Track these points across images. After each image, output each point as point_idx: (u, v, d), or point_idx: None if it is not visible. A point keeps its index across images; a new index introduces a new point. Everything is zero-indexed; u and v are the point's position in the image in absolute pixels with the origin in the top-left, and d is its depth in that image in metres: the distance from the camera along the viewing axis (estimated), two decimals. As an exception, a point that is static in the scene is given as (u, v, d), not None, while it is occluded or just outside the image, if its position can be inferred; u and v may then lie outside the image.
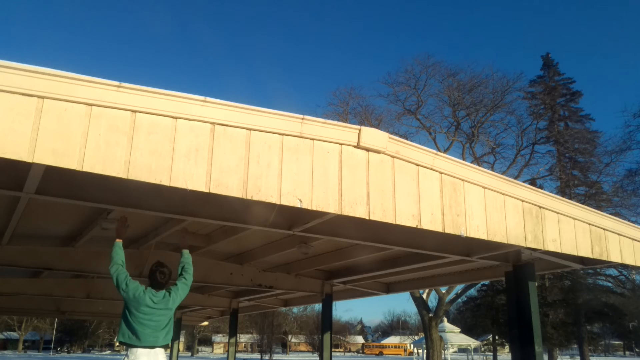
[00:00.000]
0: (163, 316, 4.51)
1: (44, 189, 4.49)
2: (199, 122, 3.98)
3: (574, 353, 51.68)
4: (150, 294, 4.46)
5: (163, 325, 4.51)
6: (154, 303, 4.45)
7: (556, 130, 31.78)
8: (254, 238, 7.58)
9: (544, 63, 36.34)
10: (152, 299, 4.45)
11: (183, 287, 4.72)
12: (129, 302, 4.41)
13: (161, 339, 4.46)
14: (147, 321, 4.40)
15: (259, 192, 4.15)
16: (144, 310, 4.40)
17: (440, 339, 29.30)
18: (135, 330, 4.35)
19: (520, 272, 7.10)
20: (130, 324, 4.38)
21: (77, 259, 8.08)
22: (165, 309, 4.51)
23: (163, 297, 4.53)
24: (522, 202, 5.94)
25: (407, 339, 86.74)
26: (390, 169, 4.99)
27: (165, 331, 4.52)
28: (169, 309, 4.57)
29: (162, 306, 4.50)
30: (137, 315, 4.38)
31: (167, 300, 4.54)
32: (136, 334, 4.35)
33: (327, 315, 10.83)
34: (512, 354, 7.30)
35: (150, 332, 4.40)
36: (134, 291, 4.39)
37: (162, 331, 4.48)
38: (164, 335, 4.50)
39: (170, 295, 4.59)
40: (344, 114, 28.05)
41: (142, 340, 4.36)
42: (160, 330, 4.47)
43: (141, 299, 4.39)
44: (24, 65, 3.33)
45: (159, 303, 4.48)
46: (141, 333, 4.35)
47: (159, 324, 4.48)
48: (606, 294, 32.87)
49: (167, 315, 4.56)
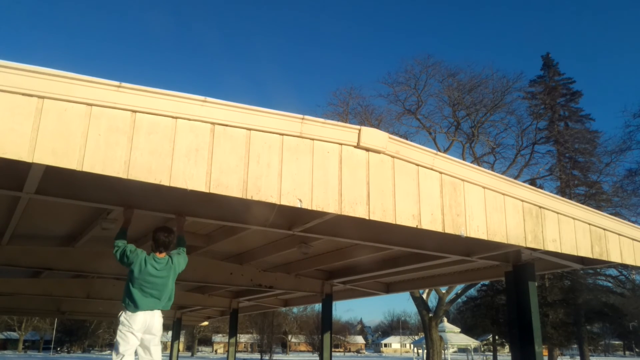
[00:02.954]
0: (166, 281, 4.57)
1: (44, 189, 4.49)
2: (199, 122, 3.98)
3: (574, 353, 51.70)
4: (152, 261, 4.54)
5: (165, 293, 4.59)
6: (157, 270, 4.52)
7: (556, 130, 31.79)
8: (253, 238, 7.58)
9: (544, 63, 36.36)
10: (155, 266, 4.52)
11: (182, 255, 4.81)
12: (135, 274, 4.47)
13: (160, 306, 4.58)
14: (149, 289, 4.49)
15: (259, 192, 4.15)
16: (147, 279, 4.48)
17: (440, 339, 29.30)
18: (135, 300, 4.45)
19: (520, 272, 7.10)
20: (132, 294, 4.47)
21: (77, 259, 8.08)
22: (167, 276, 4.58)
23: (166, 264, 4.61)
24: (522, 202, 5.94)
25: (407, 339, 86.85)
26: (390, 169, 4.99)
27: (165, 300, 4.61)
28: (172, 275, 4.64)
29: (165, 273, 4.57)
30: (141, 284, 4.47)
31: (170, 266, 4.63)
32: (135, 302, 4.45)
33: (327, 315, 10.83)
34: (512, 354, 7.30)
35: (152, 301, 4.50)
36: (139, 266, 4.47)
37: (162, 300, 4.58)
38: (164, 303, 4.61)
39: (173, 261, 4.67)
40: (344, 114, 28.08)
41: (141, 307, 4.47)
42: (161, 299, 4.57)
43: (144, 270, 4.47)
44: (24, 65, 3.33)
45: (162, 270, 4.55)
46: (141, 302, 4.46)
47: (162, 293, 4.56)
48: (606, 294, 32.88)
49: (170, 281, 4.62)
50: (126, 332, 4.47)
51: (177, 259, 4.72)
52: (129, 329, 4.46)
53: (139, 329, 4.50)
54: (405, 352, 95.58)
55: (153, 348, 4.63)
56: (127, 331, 4.47)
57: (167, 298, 4.64)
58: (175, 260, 4.69)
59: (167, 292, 4.62)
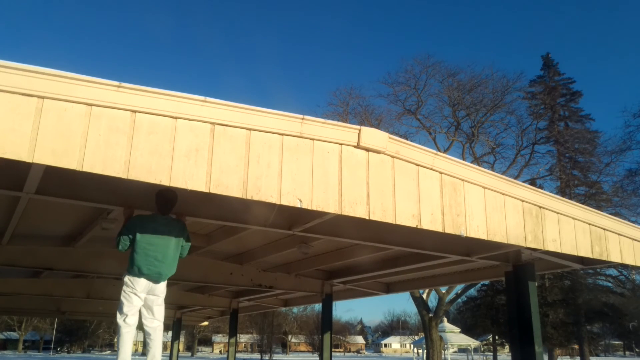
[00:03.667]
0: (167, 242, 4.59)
1: (44, 189, 4.50)
2: (199, 122, 3.98)
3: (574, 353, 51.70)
4: (152, 222, 4.58)
5: (167, 255, 4.59)
6: (159, 226, 4.56)
7: (556, 130, 31.80)
8: (254, 238, 7.58)
9: (544, 63, 36.38)
10: (156, 225, 4.56)
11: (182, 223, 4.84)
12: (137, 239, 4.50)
13: (164, 273, 4.60)
14: (152, 251, 4.50)
15: (259, 192, 4.15)
16: (148, 239, 4.51)
17: (440, 339, 29.31)
18: (139, 265, 4.48)
19: (520, 272, 7.10)
20: (135, 259, 4.49)
21: (77, 259, 8.09)
22: (169, 236, 4.61)
23: (168, 223, 4.64)
24: (522, 202, 5.94)
25: (407, 339, 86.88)
26: (390, 169, 4.99)
27: (169, 268, 4.63)
28: (175, 236, 4.65)
29: (166, 230, 4.59)
30: (144, 247, 4.48)
31: (174, 225, 4.67)
32: (139, 267, 4.49)
33: (327, 315, 10.83)
34: (512, 354, 7.30)
35: (155, 266, 4.52)
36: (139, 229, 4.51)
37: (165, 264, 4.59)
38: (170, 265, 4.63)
39: (177, 225, 4.71)
40: (344, 114, 28.09)
41: (146, 274, 4.51)
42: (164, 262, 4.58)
43: (145, 228, 4.51)
44: (24, 65, 3.33)
45: (163, 227, 4.59)
46: (145, 267, 4.49)
47: (165, 255, 4.57)
48: (606, 294, 32.87)
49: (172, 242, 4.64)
50: (130, 292, 4.54)
51: (180, 223, 4.78)
52: (132, 290, 4.53)
53: (142, 290, 4.57)
54: (405, 352, 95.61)
55: (156, 308, 4.70)
56: (130, 292, 4.54)
57: (170, 261, 4.64)
58: (179, 224, 4.76)
59: (169, 255, 4.63)
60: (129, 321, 4.57)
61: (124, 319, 4.55)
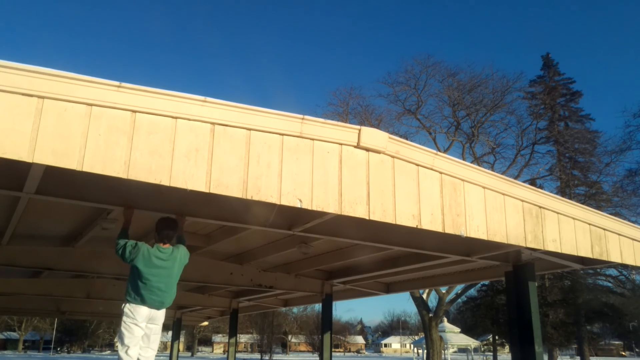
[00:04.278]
0: (170, 272, 4.60)
1: (44, 189, 4.50)
2: (199, 122, 3.98)
3: (574, 353, 51.68)
4: (156, 252, 4.56)
5: (170, 284, 4.61)
6: (162, 261, 4.54)
7: (556, 130, 31.81)
8: (254, 238, 7.58)
9: (544, 63, 36.39)
10: (160, 256, 4.54)
11: (184, 249, 4.84)
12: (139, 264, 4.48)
13: (167, 302, 4.62)
14: (156, 282, 4.49)
15: (259, 192, 4.15)
16: (153, 272, 4.49)
17: (440, 339, 29.30)
18: (142, 295, 4.47)
19: (520, 272, 7.10)
20: (139, 288, 4.48)
21: (77, 259, 8.08)
22: (172, 267, 4.61)
23: (171, 253, 4.64)
24: (522, 202, 5.94)
25: (407, 339, 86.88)
26: (390, 169, 4.99)
27: (169, 295, 4.64)
28: (177, 266, 4.67)
29: (170, 264, 4.59)
30: (148, 278, 4.46)
31: (175, 256, 4.66)
32: (142, 297, 4.48)
33: (327, 315, 10.83)
34: (512, 354, 7.30)
35: (158, 295, 4.52)
36: (142, 260, 4.47)
37: (168, 293, 4.60)
38: (171, 295, 4.65)
39: (178, 252, 4.72)
40: (344, 114, 28.08)
41: (148, 303, 4.50)
42: (167, 291, 4.59)
43: (149, 262, 4.48)
44: (24, 65, 3.33)
45: (166, 260, 4.58)
46: (147, 297, 4.48)
47: (167, 284, 4.58)
48: (606, 294, 32.86)
49: (175, 271, 4.65)
50: (130, 323, 4.50)
51: (182, 250, 4.78)
52: (133, 320, 4.50)
53: (143, 320, 4.54)
54: (405, 352, 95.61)
55: (153, 337, 4.68)
56: (131, 322, 4.50)
57: (173, 290, 4.66)
58: (181, 251, 4.75)
59: (172, 283, 4.64)
60: (131, 353, 4.50)
61: (125, 350, 4.48)
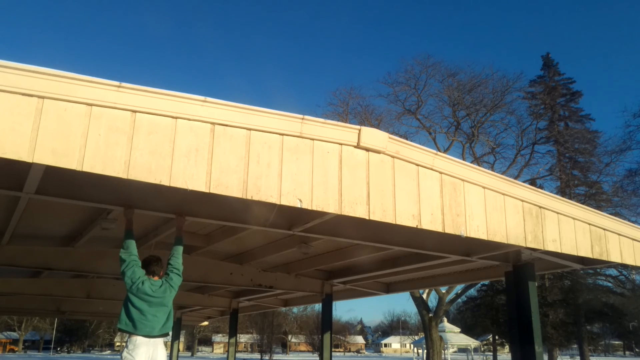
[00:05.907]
0: (161, 306, 4.61)
1: (44, 189, 4.50)
2: (199, 122, 3.98)
3: (574, 353, 51.68)
4: (149, 283, 4.58)
5: (161, 316, 4.61)
6: (153, 292, 4.56)
7: (556, 130, 31.79)
8: (254, 238, 7.58)
9: (544, 63, 36.37)
10: (152, 287, 4.56)
11: (176, 277, 4.81)
12: (133, 293, 4.51)
13: (157, 329, 4.57)
14: (146, 311, 4.51)
15: (259, 192, 4.15)
16: (144, 298, 4.51)
17: (440, 339, 29.30)
18: (133, 319, 4.47)
19: (520, 272, 7.10)
20: (130, 313, 4.49)
21: (77, 259, 8.08)
22: (162, 298, 4.62)
23: (161, 286, 4.65)
24: (522, 202, 5.94)
25: (407, 339, 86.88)
26: (390, 169, 4.99)
27: (162, 322, 4.62)
28: (167, 299, 4.67)
29: (159, 295, 4.60)
30: (139, 304, 4.49)
31: (165, 289, 4.66)
32: (134, 322, 4.47)
33: (327, 315, 10.83)
34: (512, 354, 7.30)
35: (148, 322, 4.51)
36: (136, 286, 4.51)
37: (159, 322, 4.59)
38: (162, 326, 4.61)
39: (168, 285, 4.70)
40: (344, 114, 28.08)
41: (139, 329, 4.48)
42: (158, 321, 4.58)
43: (141, 289, 4.51)
44: (24, 65, 3.33)
45: (156, 292, 4.59)
46: (138, 322, 4.47)
47: (157, 316, 4.58)
48: (606, 294, 32.88)
49: (166, 305, 4.66)
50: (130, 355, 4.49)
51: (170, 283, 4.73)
52: None
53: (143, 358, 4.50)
54: (405, 352, 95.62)
55: None
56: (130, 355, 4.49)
57: (166, 318, 4.65)
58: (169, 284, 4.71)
59: (164, 311, 4.63)
60: None
61: None
